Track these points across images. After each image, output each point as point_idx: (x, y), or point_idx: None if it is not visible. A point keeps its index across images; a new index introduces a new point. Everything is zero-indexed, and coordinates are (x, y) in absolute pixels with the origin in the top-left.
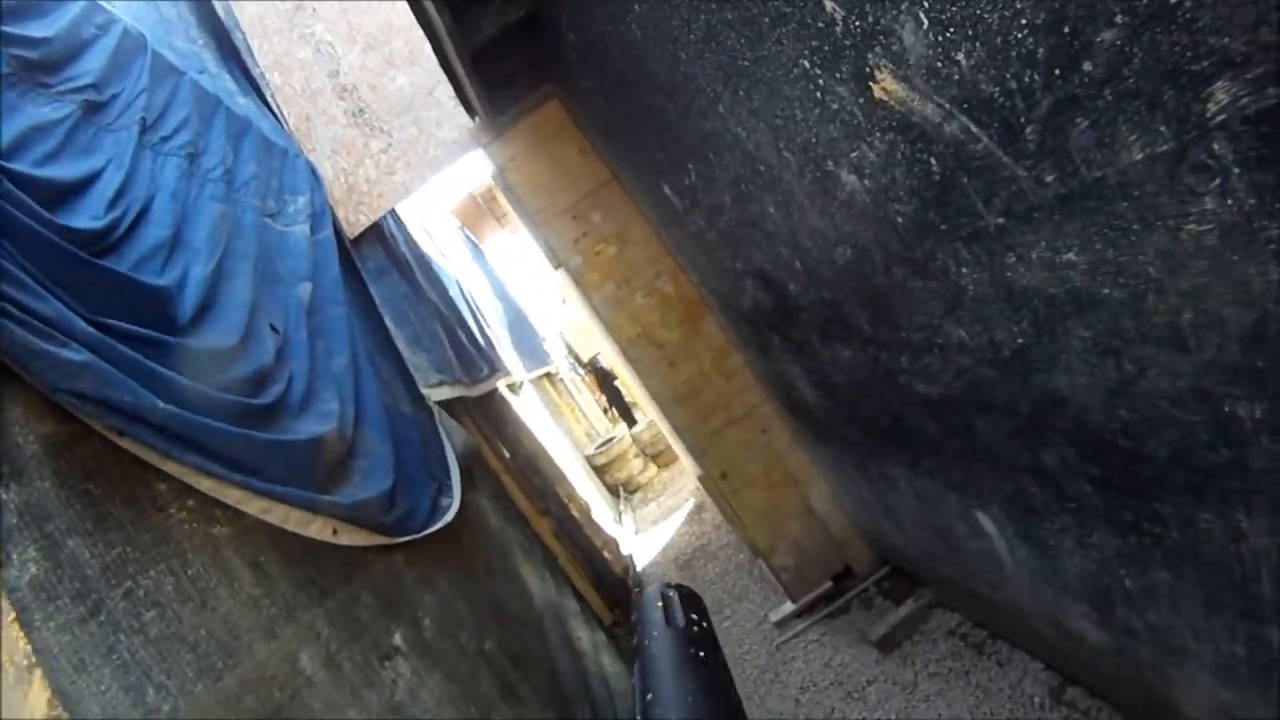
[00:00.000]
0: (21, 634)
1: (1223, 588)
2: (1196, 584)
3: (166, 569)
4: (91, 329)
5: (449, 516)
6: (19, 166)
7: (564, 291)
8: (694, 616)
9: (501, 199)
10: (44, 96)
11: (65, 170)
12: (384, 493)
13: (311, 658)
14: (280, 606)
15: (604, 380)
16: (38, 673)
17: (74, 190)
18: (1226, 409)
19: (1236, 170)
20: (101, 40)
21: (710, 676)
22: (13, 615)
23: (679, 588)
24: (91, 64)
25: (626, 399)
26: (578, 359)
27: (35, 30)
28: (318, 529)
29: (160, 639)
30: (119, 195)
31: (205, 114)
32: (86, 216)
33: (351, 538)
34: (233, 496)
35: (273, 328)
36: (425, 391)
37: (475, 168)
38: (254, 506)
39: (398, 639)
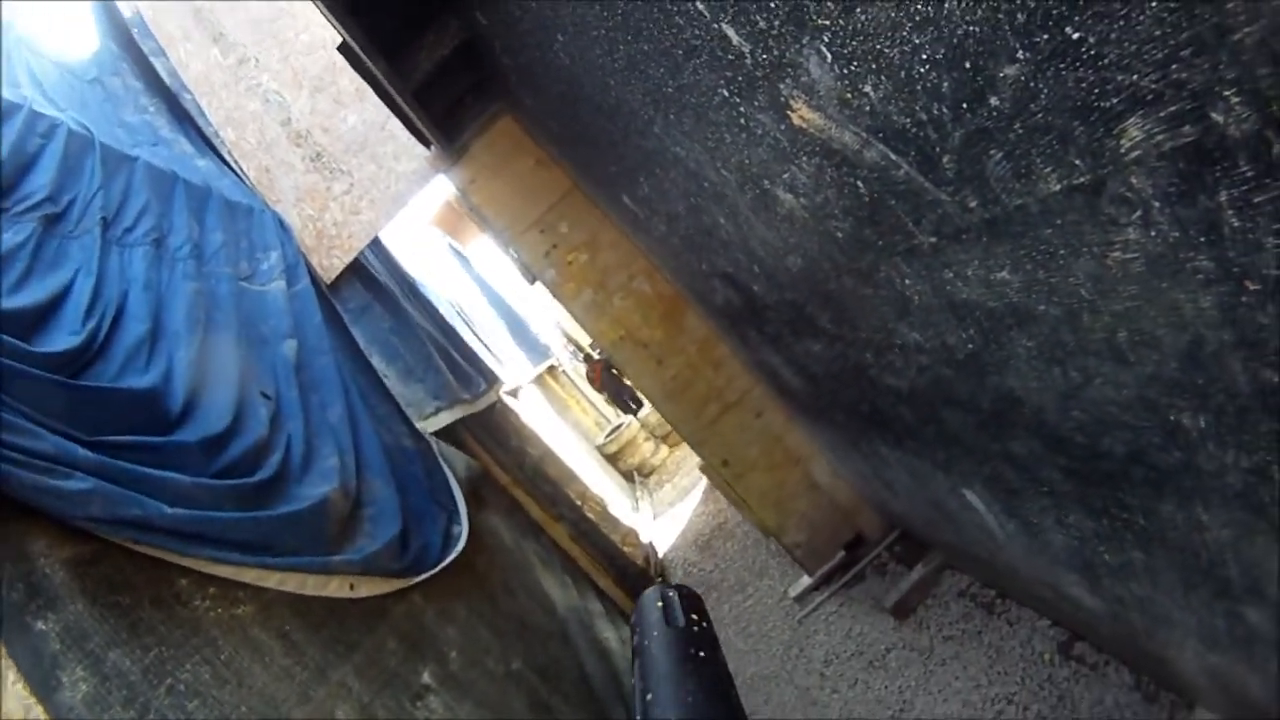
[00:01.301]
0: None
1: (1193, 570)
2: (1169, 565)
3: (201, 659)
4: (91, 454)
5: (461, 544)
6: None
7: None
8: (694, 616)
9: (467, 215)
10: (2, 222)
11: (37, 293)
12: (395, 538)
13: (347, 712)
14: (311, 670)
15: (604, 371)
16: None
17: (48, 311)
18: (1172, 418)
19: (1157, 204)
20: (48, 148)
21: (710, 676)
22: None
23: (679, 588)
24: (43, 177)
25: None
26: (577, 346)
27: None
28: (335, 588)
29: None
30: (93, 303)
31: (164, 193)
32: (65, 334)
33: (369, 588)
34: (249, 576)
35: (264, 395)
36: (420, 425)
37: (439, 188)
38: (272, 581)
39: (426, 677)
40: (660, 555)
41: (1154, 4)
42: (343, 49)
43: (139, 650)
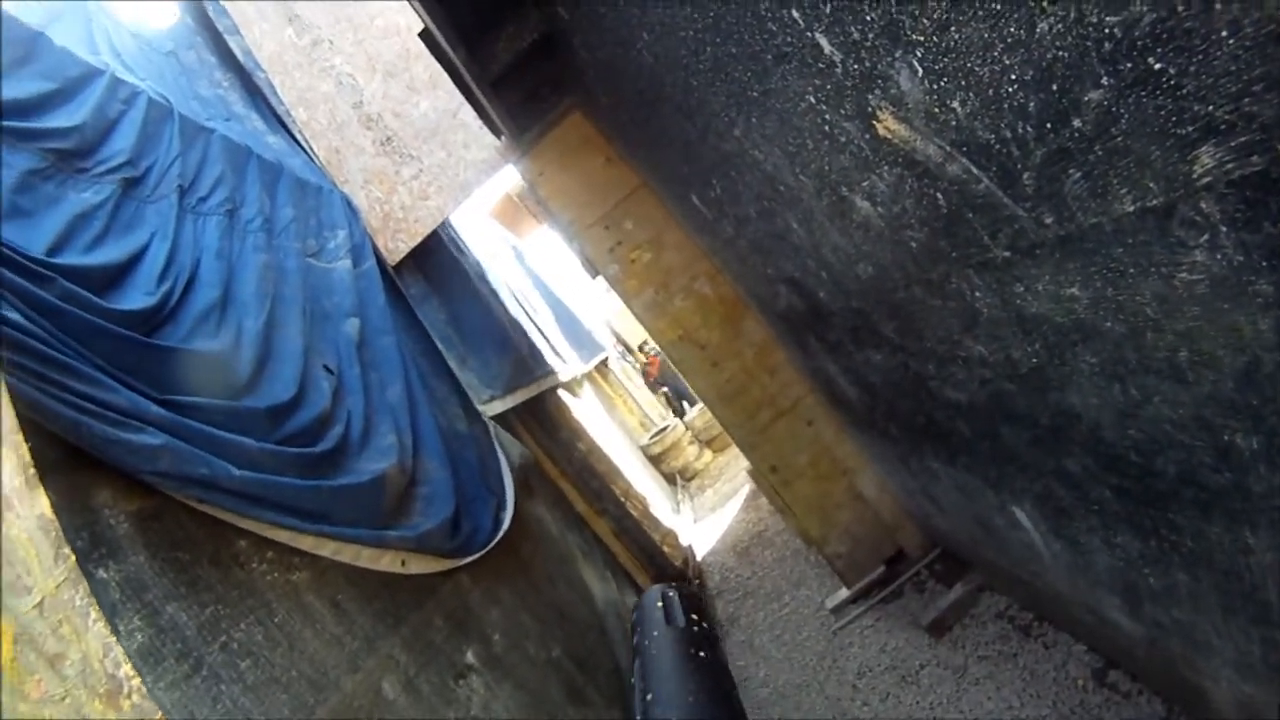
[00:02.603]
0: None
1: (1236, 593)
2: (1213, 588)
3: (255, 620)
4: (163, 410)
5: (505, 526)
6: (69, 259)
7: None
8: (694, 616)
9: (533, 207)
10: (83, 182)
11: (113, 252)
12: (448, 519)
13: (392, 685)
14: (360, 640)
15: (663, 364)
16: None
17: (124, 271)
18: (1226, 438)
19: (1224, 228)
20: (129, 115)
21: (711, 676)
22: (160, 715)
23: (679, 588)
24: (123, 141)
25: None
26: (626, 347)
27: (63, 119)
28: (388, 562)
29: (257, 685)
30: (167, 266)
31: (238, 166)
32: (139, 294)
33: (420, 566)
34: (307, 543)
35: (327, 369)
36: (480, 409)
37: (507, 177)
38: (327, 549)
39: (470, 656)
40: (698, 559)
41: (1231, 42)
42: (424, 35)
43: (196, 606)
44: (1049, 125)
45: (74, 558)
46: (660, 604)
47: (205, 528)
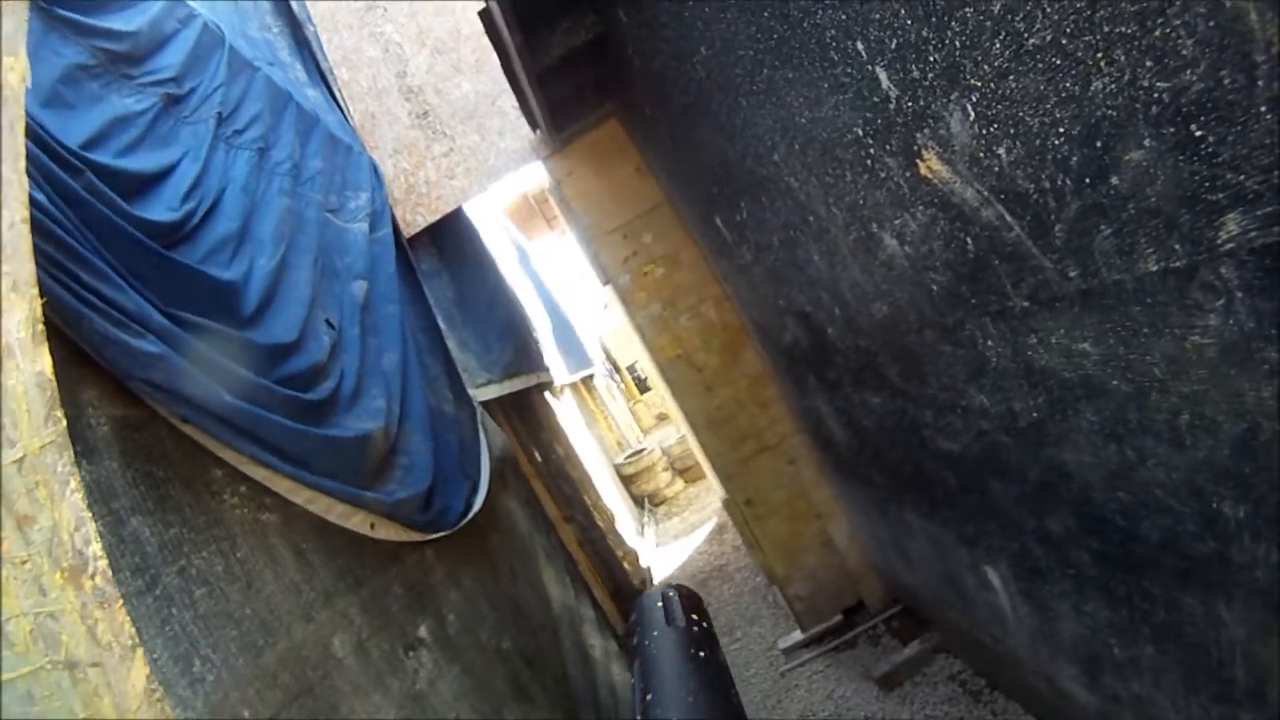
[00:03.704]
0: (128, 618)
1: (1201, 669)
2: (1178, 662)
3: (218, 550)
4: (167, 321)
5: (474, 511)
6: (101, 157)
7: (607, 298)
8: (694, 616)
9: (555, 206)
10: (127, 88)
11: (144, 162)
12: (423, 492)
13: (343, 643)
14: (319, 592)
15: None
16: (139, 652)
17: (152, 182)
18: (1214, 505)
19: (1240, 294)
20: (182, 34)
21: (710, 676)
22: (120, 601)
23: (679, 588)
24: (173, 58)
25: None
26: (615, 366)
27: (120, 24)
28: (358, 522)
29: (208, 616)
30: (194, 187)
31: (277, 109)
32: (163, 208)
33: (388, 532)
34: (282, 486)
35: (329, 323)
36: (472, 392)
37: (532, 173)
38: (301, 497)
39: (423, 631)
40: (655, 582)
41: (1269, 116)
42: (483, 15)
43: (161, 525)
44: (1088, 180)
45: (64, 423)
46: (660, 604)
47: (184, 449)
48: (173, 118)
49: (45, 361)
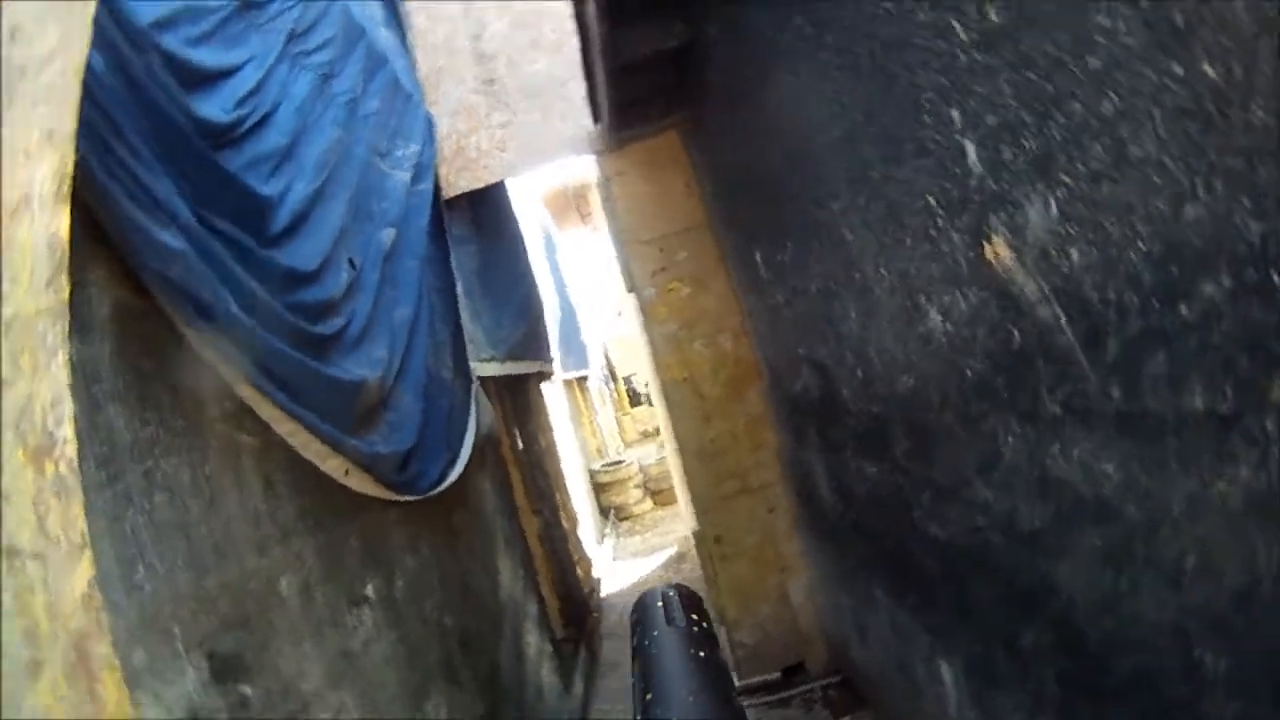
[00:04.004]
0: (83, 515)
1: None
2: None
3: (188, 460)
4: (194, 220)
5: (447, 483)
6: (168, 42)
7: (622, 305)
8: (694, 616)
9: (594, 201)
10: None
11: (209, 57)
12: (403, 451)
13: (290, 584)
14: (278, 526)
15: None
16: (88, 554)
17: (212, 79)
18: (1197, 653)
19: (1278, 452)
20: None
21: (711, 676)
22: (80, 496)
23: (679, 588)
24: None
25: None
26: (613, 373)
27: None
28: (334, 466)
29: (163, 524)
30: (251, 94)
31: (349, 40)
32: (217, 107)
33: (360, 483)
34: (267, 412)
35: (350, 262)
36: (473, 365)
37: (580, 165)
38: (284, 427)
39: (370, 590)
40: (604, 594)
41: None
42: None
43: (138, 420)
44: (1156, 303)
45: (67, 292)
46: (660, 604)
47: (179, 351)
48: (245, 21)
49: (63, 223)
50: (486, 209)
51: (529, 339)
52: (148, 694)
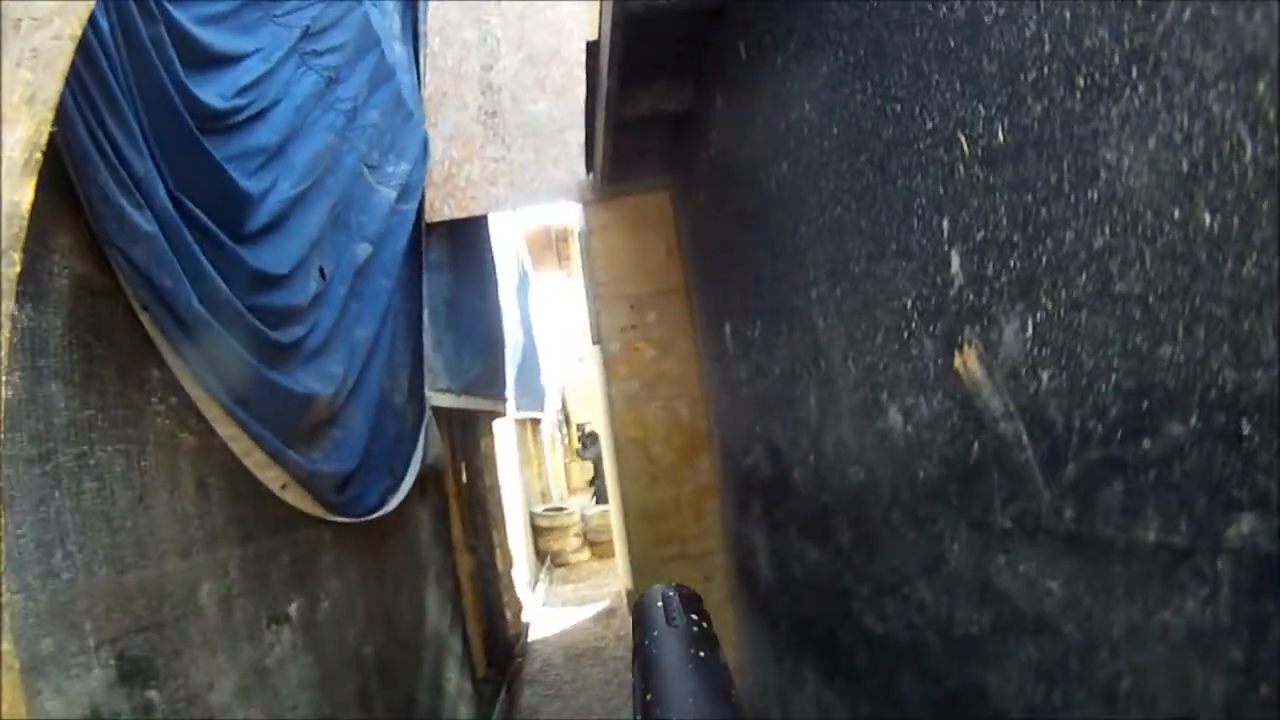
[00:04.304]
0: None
1: None
2: None
3: (125, 451)
4: (170, 203)
5: (384, 511)
6: (181, 16)
7: (584, 354)
8: (694, 616)
9: (574, 247)
10: None
11: (218, 39)
12: (345, 471)
13: (211, 592)
14: (206, 532)
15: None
16: None
17: (217, 63)
18: None
19: (1227, 591)
20: None
21: (711, 676)
22: None
23: (679, 588)
24: None
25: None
26: (567, 419)
27: None
28: (272, 477)
29: (88, 512)
30: (253, 85)
31: (361, 48)
32: (216, 93)
33: (296, 499)
34: (212, 412)
35: (321, 271)
36: (429, 394)
37: (566, 211)
38: (227, 431)
39: (292, 609)
40: (529, 638)
41: None
42: (591, 47)
43: (79, 401)
44: (1120, 434)
45: (18, 268)
46: (660, 604)
47: (132, 336)
48: (262, 10)
49: (27, 195)
50: (465, 240)
51: (486, 376)
52: (50, 685)
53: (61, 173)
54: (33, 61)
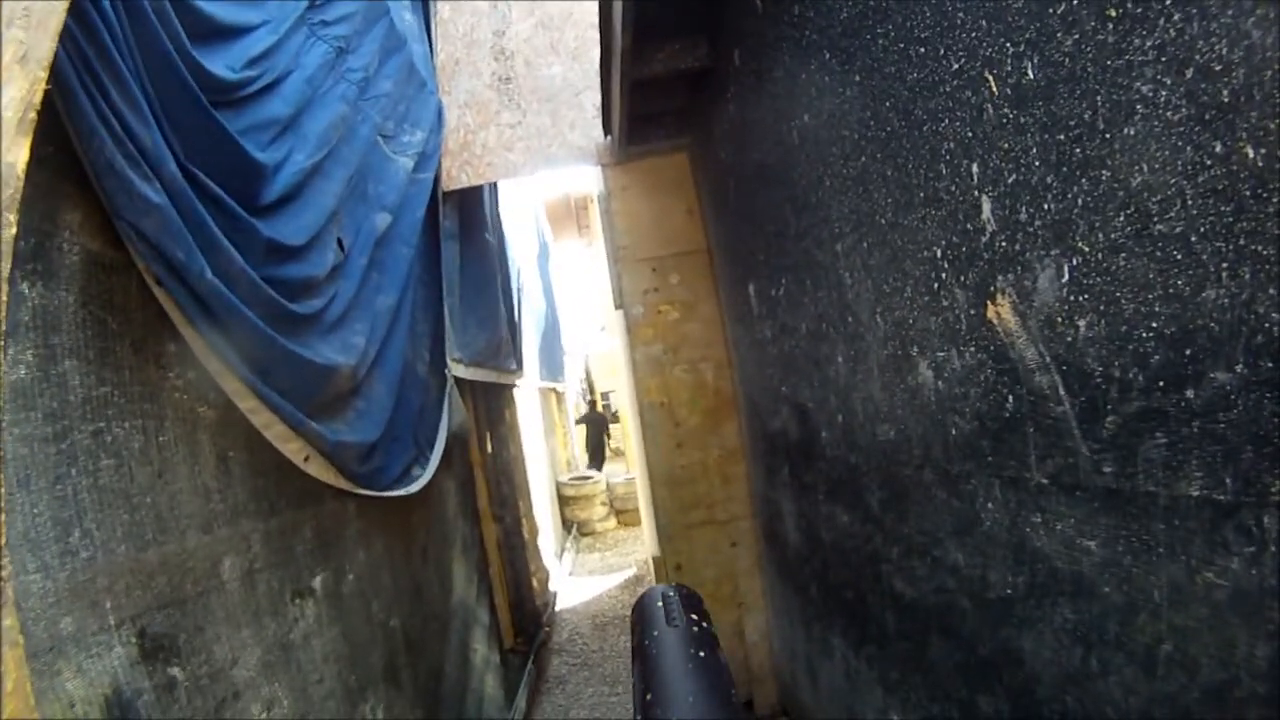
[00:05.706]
0: None
1: None
2: None
3: (141, 426)
4: (179, 174)
5: (414, 487)
6: None
7: (606, 322)
8: (694, 616)
9: (594, 215)
10: None
11: (226, 11)
12: (368, 442)
13: (234, 566)
14: (227, 506)
15: (591, 420)
16: None
17: (225, 34)
18: None
19: (1273, 547)
20: None
21: (711, 676)
22: None
23: (679, 588)
24: None
25: (609, 445)
26: (591, 388)
27: None
28: (294, 449)
29: (106, 489)
30: (262, 56)
31: (370, 19)
32: (224, 65)
33: (319, 470)
34: (231, 386)
35: (339, 243)
36: (449, 363)
37: (584, 176)
38: (247, 404)
39: (316, 582)
40: (556, 608)
41: None
42: (604, 6)
43: (94, 378)
44: (1162, 384)
45: (14, 230)
46: (660, 604)
47: (147, 311)
48: None
49: (21, 156)
50: (475, 208)
51: (490, 348)
52: (71, 665)
53: (69, 149)
54: (25, 20)
